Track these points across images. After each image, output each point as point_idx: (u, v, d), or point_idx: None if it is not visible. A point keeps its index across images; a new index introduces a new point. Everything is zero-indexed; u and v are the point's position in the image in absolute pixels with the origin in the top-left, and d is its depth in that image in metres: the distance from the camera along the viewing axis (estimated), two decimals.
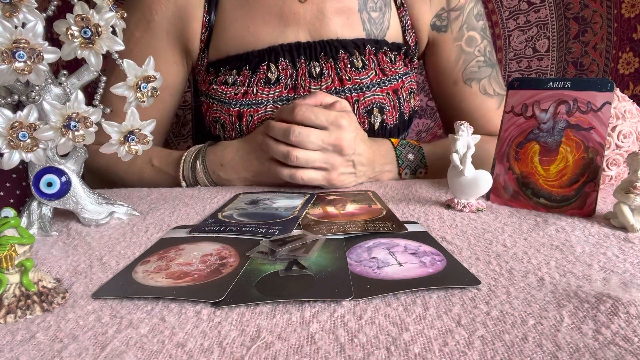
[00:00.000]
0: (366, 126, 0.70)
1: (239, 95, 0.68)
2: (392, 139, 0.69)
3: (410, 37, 0.75)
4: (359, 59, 0.70)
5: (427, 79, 0.84)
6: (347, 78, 0.69)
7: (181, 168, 0.66)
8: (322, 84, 0.69)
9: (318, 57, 0.69)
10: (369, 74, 0.70)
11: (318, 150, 0.57)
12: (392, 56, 0.72)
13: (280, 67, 0.68)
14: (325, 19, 0.69)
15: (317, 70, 0.69)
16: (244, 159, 0.64)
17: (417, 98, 0.79)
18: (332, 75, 0.69)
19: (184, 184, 0.67)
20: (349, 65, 0.69)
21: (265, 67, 0.68)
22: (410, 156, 0.68)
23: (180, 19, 0.70)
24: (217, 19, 0.71)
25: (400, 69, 0.73)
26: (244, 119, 0.69)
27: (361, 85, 0.69)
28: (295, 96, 0.69)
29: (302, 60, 0.69)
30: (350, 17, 0.71)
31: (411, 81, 0.76)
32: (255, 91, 0.68)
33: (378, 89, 0.70)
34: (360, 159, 0.61)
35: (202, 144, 0.68)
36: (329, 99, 0.61)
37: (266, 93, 0.68)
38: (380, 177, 0.66)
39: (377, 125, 0.70)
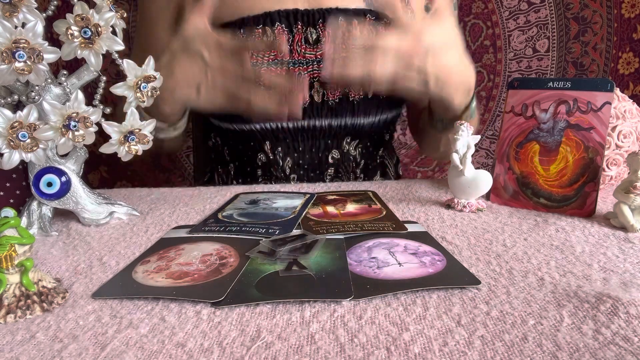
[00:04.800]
0: (360, 94, 0.70)
1: None
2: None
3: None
4: (358, 27, 0.69)
5: None
6: None
7: None
8: (318, 50, 0.69)
9: (316, 24, 0.69)
10: None
11: None
12: None
13: (276, 31, 0.68)
14: None
15: (314, 36, 0.69)
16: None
17: None
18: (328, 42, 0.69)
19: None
20: (347, 33, 0.68)
21: (260, 30, 0.67)
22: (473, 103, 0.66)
23: None
24: None
25: None
26: None
27: None
28: (290, 60, 0.68)
29: (299, 26, 0.69)
30: None
31: None
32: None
33: None
34: (439, 73, 0.57)
35: None
36: None
37: (260, 56, 0.67)
38: (453, 99, 0.61)
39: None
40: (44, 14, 0.41)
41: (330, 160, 0.74)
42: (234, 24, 0.69)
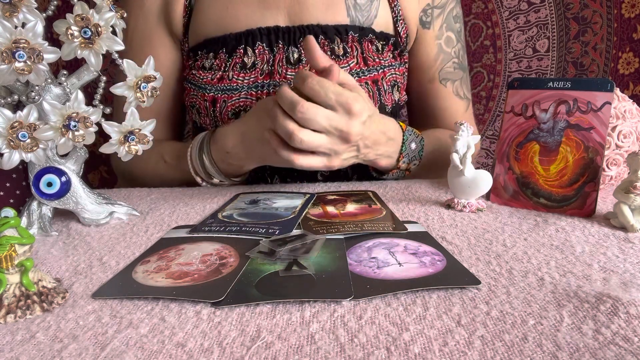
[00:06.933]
0: None
1: (215, 80, 0.67)
2: (401, 123, 0.64)
3: (402, 28, 0.73)
4: (341, 46, 0.67)
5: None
6: None
7: (190, 165, 0.64)
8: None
9: (297, 43, 0.67)
10: (350, 62, 0.67)
11: (323, 132, 0.52)
12: (380, 45, 0.70)
13: (257, 51, 0.66)
14: (306, 3, 0.67)
15: (295, 56, 0.67)
16: (245, 142, 0.59)
17: (404, 93, 0.77)
18: None
19: (198, 179, 0.64)
20: (329, 52, 0.67)
21: (242, 50, 0.66)
22: (413, 145, 0.65)
23: (166, 2, 0.71)
24: (197, 1, 0.70)
25: (386, 61, 0.70)
26: (218, 105, 0.67)
27: None
28: (271, 82, 0.66)
29: (280, 45, 0.67)
30: (333, 2, 0.68)
31: (396, 74, 0.73)
32: (230, 76, 0.66)
33: (356, 78, 0.67)
34: (366, 142, 0.56)
35: (204, 133, 0.64)
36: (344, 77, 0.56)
37: (241, 79, 0.66)
38: (378, 162, 0.62)
39: None
40: (44, 14, 0.41)
41: (319, 177, 0.72)
42: (216, 40, 0.68)
